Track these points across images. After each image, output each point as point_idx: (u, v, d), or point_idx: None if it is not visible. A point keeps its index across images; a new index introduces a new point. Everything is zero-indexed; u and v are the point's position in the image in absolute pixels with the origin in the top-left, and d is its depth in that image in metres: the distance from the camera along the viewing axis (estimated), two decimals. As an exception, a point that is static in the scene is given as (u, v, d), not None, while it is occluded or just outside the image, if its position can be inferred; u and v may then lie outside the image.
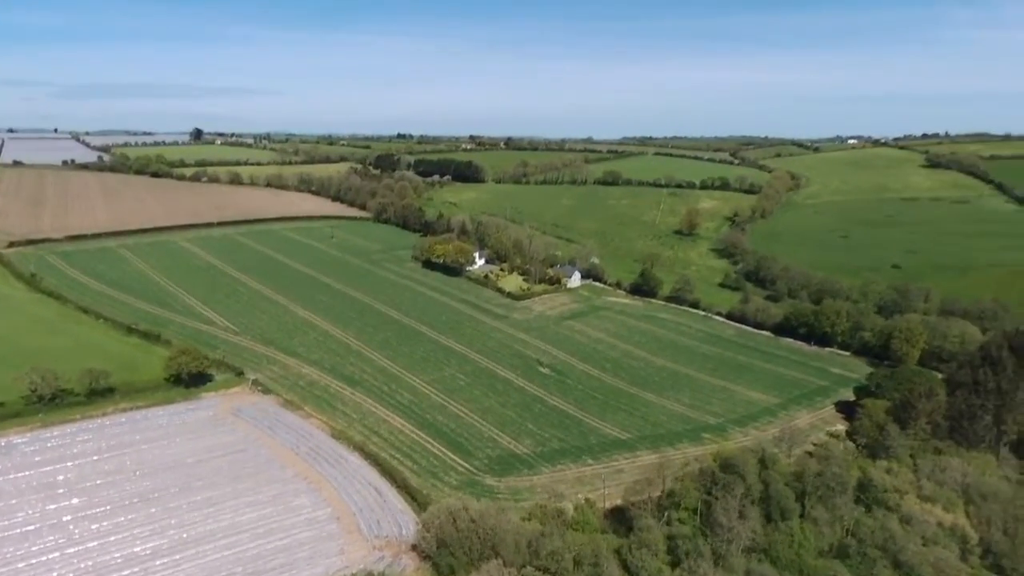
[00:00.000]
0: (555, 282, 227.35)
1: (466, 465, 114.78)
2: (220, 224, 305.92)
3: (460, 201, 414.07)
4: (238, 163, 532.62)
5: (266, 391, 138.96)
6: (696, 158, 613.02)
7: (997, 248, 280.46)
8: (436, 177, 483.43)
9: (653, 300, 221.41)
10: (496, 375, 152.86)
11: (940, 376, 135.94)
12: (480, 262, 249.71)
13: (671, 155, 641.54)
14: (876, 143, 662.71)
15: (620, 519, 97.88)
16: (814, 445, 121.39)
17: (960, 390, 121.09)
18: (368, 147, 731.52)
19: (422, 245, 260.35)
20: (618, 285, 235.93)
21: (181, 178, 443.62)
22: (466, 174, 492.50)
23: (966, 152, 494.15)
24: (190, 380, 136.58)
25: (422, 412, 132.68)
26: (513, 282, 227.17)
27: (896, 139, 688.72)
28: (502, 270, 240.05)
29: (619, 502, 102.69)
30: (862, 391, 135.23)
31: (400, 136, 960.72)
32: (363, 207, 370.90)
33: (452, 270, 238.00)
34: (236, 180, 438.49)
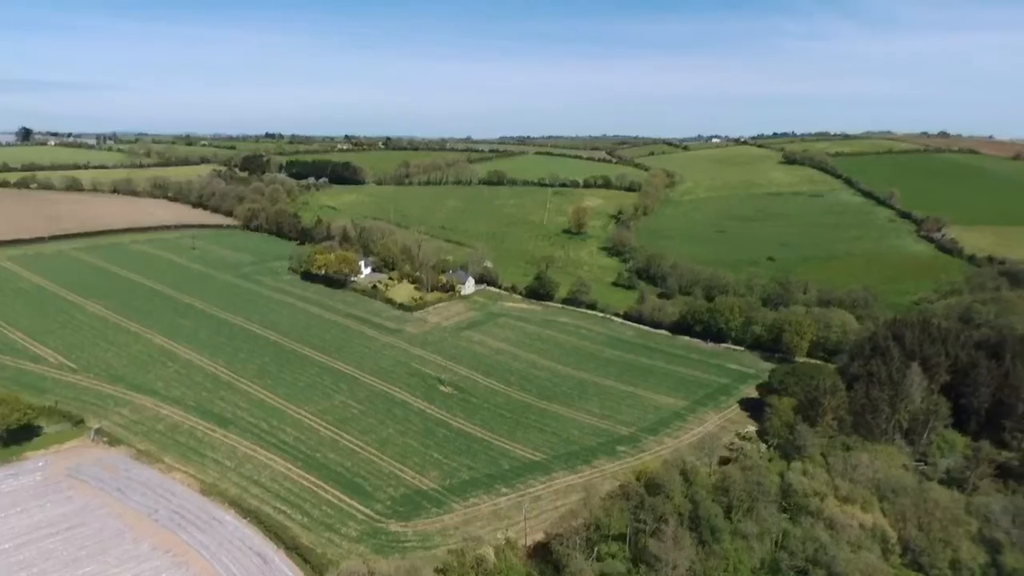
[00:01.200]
0: (449, 289, 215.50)
1: (366, 511, 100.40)
2: (53, 238, 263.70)
3: (340, 205, 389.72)
4: (77, 167, 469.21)
5: (114, 442, 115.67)
6: (576, 157, 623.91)
7: (852, 239, 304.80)
8: (311, 179, 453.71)
9: (550, 303, 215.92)
10: (393, 398, 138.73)
11: (832, 367, 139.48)
12: (366, 271, 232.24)
13: (552, 154, 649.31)
14: (737, 141, 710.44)
15: (545, 557, 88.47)
16: (728, 449, 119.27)
17: (857, 383, 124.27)
18: (233, 147, 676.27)
19: (300, 255, 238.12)
20: (513, 289, 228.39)
21: (4, 185, 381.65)
22: (344, 176, 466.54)
23: (816, 150, 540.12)
24: (8, 437, 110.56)
25: (310, 451, 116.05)
26: (404, 292, 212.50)
27: (753, 138, 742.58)
28: (391, 279, 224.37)
29: (542, 536, 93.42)
30: (766, 388, 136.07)
31: (269, 136, 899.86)
32: (229, 214, 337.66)
33: (336, 282, 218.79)
34: (74, 186, 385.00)
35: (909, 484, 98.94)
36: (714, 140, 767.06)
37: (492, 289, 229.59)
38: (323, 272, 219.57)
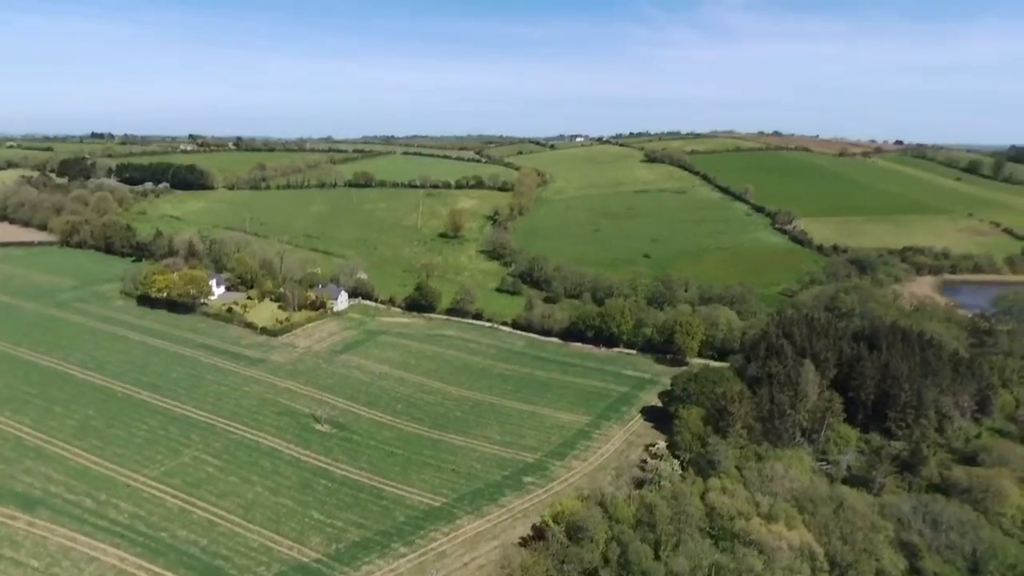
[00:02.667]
0: (319, 307, 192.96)
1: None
2: None
3: (185, 214, 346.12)
4: None
5: None
6: (445, 157, 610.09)
7: (716, 233, 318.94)
8: (149, 185, 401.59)
9: (433, 316, 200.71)
10: (259, 446, 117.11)
11: (729, 368, 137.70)
12: (219, 291, 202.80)
13: (420, 154, 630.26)
14: (600, 140, 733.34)
15: (460, 636, 74.52)
16: (641, 468, 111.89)
17: (759, 386, 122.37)
18: (50, 149, 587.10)
19: (136, 276, 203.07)
20: (392, 302, 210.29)
21: None
22: (189, 180, 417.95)
23: (673, 148, 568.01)
24: None
25: (152, 530, 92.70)
26: (266, 313, 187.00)
27: (613, 137, 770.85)
28: (250, 299, 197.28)
29: (453, 608, 79.28)
30: (668, 397, 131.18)
31: (96, 136, 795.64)
32: (44, 228, 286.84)
33: (181, 306, 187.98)
34: None
35: (824, 492, 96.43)
36: (578, 139, 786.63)
37: (368, 303, 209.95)
38: (165, 295, 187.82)
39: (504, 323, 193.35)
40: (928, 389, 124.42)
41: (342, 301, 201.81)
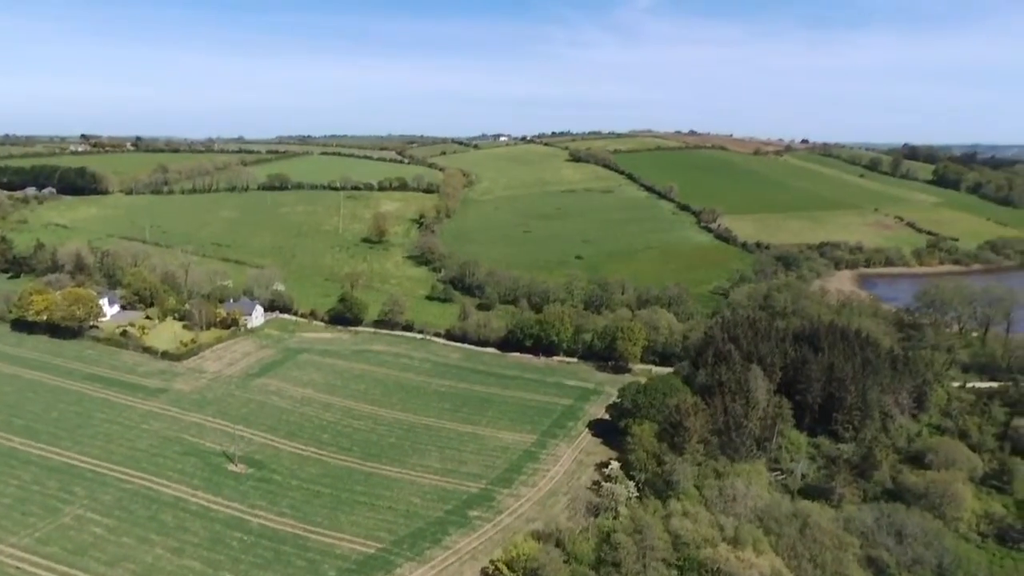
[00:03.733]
0: (231, 324, 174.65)
1: None
2: None
3: (73, 222, 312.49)
4: None
5: None
6: (366, 157, 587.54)
7: (646, 232, 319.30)
8: (31, 190, 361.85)
9: (360, 329, 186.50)
10: (160, 496, 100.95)
11: (678, 378, 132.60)
12: (112, 311, 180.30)
13: (340, 155, 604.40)
14: (524, 140, 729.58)
15: None
16: (595, 491, 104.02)
17: (710, 395, 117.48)
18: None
19: (9, 296, 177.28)
20: (314, 315, 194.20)
21: None
22: (79, 184, 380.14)
23: (596, 147, 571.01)
24: None
25: (21, 616, 76.02)
26: (169, 334, 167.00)
27: (537, 136, 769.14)
28: (149, 318, 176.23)
29: None
30: (617, 410, 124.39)
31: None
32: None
33: (66, 330, 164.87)
34: None
35: (787, 509, 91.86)
36: (502, 139, 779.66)
37: (287, 317, 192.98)
38: (45, 318, 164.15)
39: (437, 334, 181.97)
40: (871, 389, 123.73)
41: (257, 317, 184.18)
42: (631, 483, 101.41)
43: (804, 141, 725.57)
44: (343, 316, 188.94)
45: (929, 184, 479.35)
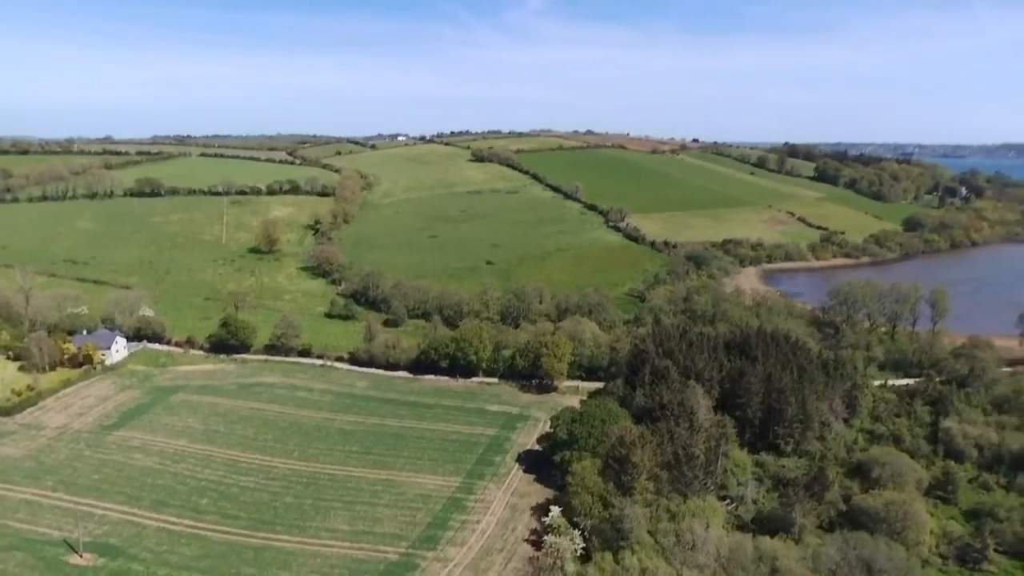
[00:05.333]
0: (83, 362, 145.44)
1: None
2: None
3: None
4: None
5: None
6: (253, 159, 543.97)
7: (556, 234, 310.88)
8: None
9: (248, 357, 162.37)
10: (-31, 612, 76.12)
11: (600, 385, 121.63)
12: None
13: (223, 156, 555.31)
14: (424, 139, 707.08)
15: None
16: (533, 544, 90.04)
17: (651, 420, 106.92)
18: None
19: None
20: (191, 344, 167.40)
21: None
22: None
23: (498, 147, 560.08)
24: None
25: None
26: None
27: (436, 136, 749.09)
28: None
29: None
30: (551, 443, 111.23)
31: None
32: None
33: None
34: None
35: (750, 550, 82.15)
36: (400, 139, 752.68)
37: (158, 348, 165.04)
38: None
39: (340, 359, 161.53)
40: (809, 398, 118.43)
41: (119, 350, 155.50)
42: (576, 532, 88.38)
43: (695, 140, 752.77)
44: (227, 343, 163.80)
45: (811, 180, 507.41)
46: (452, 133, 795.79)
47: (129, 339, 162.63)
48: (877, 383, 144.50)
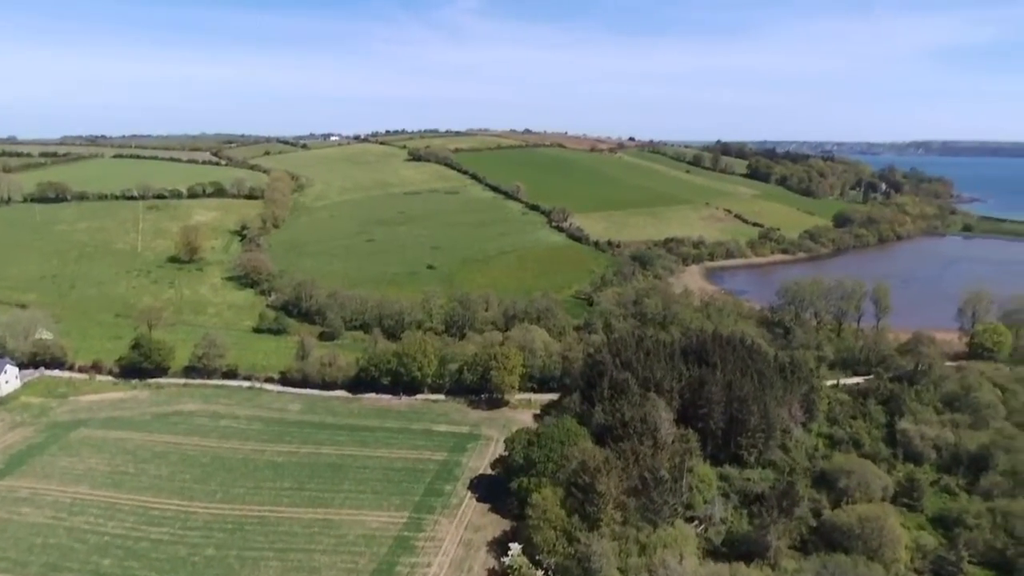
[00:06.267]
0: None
1: None
2: None
3: None
4: None
5: None
6: (173, 160, 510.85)
7: (498, 235, 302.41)
8: None
9: (164, 381, 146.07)
10: None
11: (554, 398, 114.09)
12: None
13: (140, 157, 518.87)
14: (358, 139, 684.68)
15: None
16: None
17: (612, 439, 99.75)
18: None
19: None
20: (97, 369, 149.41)
21: None
22: None
23: (436, 146, 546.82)
24: None
25: None
26: None
27: (371, 135, 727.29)
28: None
29: None
30: (506, 468, 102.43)
31: None
32: None
33: None
34: None
35: (728, 582, 76.06)
36: (333, 138, 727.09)
37: (58, 375, 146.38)
38: None
39: (270, 379, 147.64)
40: (770, 405, 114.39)
41: (9, 380, 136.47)
42: (539, 573, 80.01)
43: (631, 139, 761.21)
44: (139, 366, 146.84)
45: (744, 177, 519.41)
46: (387, 132, 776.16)
47: (22, 366, 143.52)
48: (829, 383, 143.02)
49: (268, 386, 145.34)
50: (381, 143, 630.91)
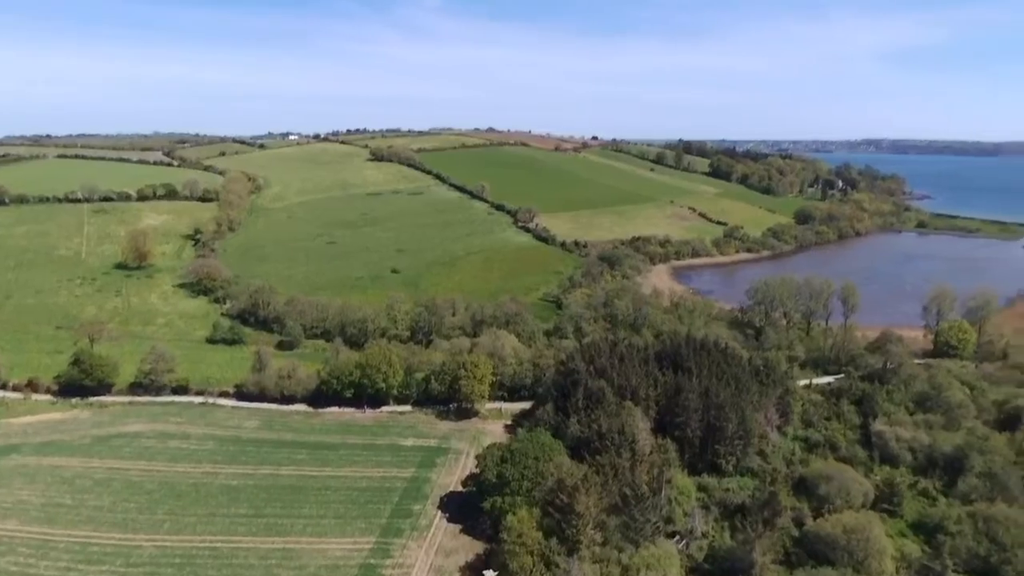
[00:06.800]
0: None
1: None
2: None
3: None
4: None
5: None
6: (122, 160, 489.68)
7: (464, 236, 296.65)
8: None
9: (109, 400, 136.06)
10: None
11: (526, 406, 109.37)
12: None
13: (86, 157, 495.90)
14: (318, 138, 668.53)
15: None
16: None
17: (589, 452, 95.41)
18: None
19: None
20: (33, 387, 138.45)
21: None
22: None
23: (398, 146, 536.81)
24: None
25: None
26: None
27: (332, 134, 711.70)
28: None
29: None
30: (478, 486, 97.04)
31: None
32: None
33: None
34: None
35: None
36: (292, 137, 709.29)
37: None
38: None
39: (225, 394, 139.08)
40: (748, 411, 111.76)
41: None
42: (516, 602, 75.06)
43: (594, 138, 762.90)
44: (80, 383, 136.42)
45: (707, 176, 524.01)
46: (349, 131, 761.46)
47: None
48: (802, 383, 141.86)
49: (222, 401, 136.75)
50: (342, 142, 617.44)
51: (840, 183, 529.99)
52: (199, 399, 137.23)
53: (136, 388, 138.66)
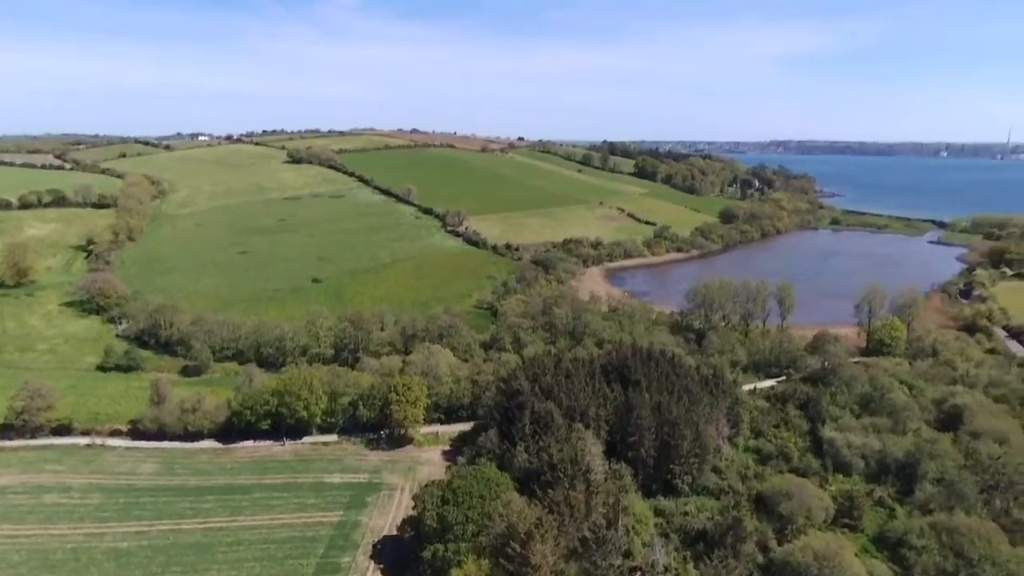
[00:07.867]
0: None
1: None
2: None
3: None
4: None
5: None
6: (5, 164, 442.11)
7: (390, 242, 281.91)
8: None
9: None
10: None
11: (467, 429, 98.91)
12: None
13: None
14: (231, 139, 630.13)
15: None
16: None
17: (539, 485, 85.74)
18: None
19: None
20: None
21: None
22: None
23: (318, 147, 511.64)
24: None
25: None
26: None
27: (247, 135, 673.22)
28: None
29: None
30: (416, 532, 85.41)
31: None
32: None
33: None
34: None
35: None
36: (202, 138, 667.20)
37: None
38: None
39: (116, 432, 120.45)
40: (701, 425, 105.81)
41: None
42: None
43: (521, 139, 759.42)
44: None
45: (632, 176, 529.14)
46: (264, 132, 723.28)
47: None
48: (746, 388, 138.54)
49: (113, 442, 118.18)
50: (257, 144, 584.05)
51: (757, 182, 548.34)
52: (85, 440, 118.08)
53: (6, 431, 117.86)
